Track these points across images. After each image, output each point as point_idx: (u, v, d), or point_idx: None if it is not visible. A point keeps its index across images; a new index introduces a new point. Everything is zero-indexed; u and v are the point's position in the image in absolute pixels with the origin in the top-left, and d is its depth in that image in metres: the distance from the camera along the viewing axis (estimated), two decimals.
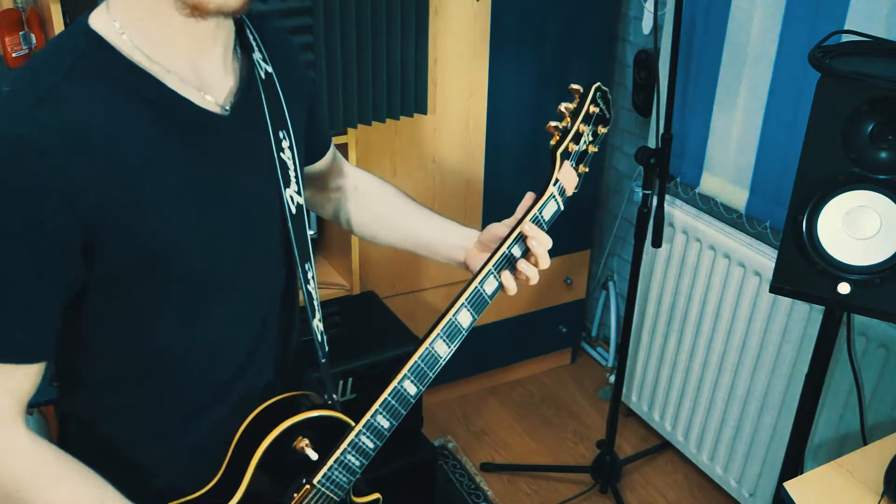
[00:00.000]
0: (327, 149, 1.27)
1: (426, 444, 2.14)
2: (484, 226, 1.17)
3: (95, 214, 0.85)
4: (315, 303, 1.12)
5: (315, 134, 1.21)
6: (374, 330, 2.14)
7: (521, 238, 1.09)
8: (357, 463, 1.08)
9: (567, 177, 1.13)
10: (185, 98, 0.92)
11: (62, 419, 1.06)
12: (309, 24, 1.94)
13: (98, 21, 0.90)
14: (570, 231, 2.77)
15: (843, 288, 1.44)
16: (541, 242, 1.09)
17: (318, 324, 1.13)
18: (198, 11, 0.86)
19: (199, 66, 0.93)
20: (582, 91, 1.14)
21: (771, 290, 1.52)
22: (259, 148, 1.02)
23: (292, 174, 1.05)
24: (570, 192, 1.16)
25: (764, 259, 2.12)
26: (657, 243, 2.25)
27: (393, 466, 2.00)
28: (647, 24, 2.48)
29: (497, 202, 2.53)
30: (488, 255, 1.09)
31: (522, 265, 1.09)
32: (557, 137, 1.13)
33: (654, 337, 2.54)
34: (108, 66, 0.87)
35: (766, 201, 2.15)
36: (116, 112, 0.86)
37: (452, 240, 1.22)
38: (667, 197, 2.34)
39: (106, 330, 0.96)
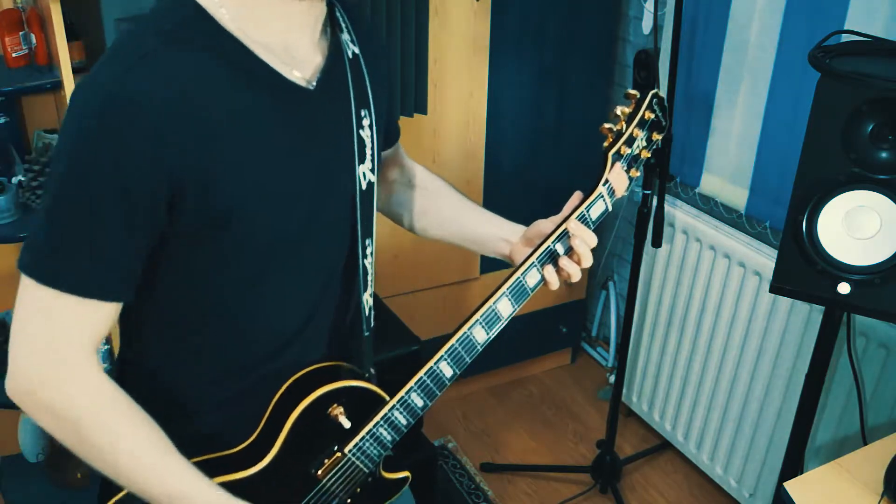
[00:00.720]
0: (397, 138, 1.33)
1: (426, 444, 2.14)
2: None
3: (181, 170, 0.88)
4: (369, 278, 1.15)
5: (390, 122, 1.26)
6: (373, 330, 2.14)
7: (566, 235, 1.12)
8: (389, 437, 1.10)
9: (618, 179, 1.17)
10: (275, 69, 0.96)
11: (121, 364, 1.10)
12: None
13: None
14: None
15: (844, 288, 1.44)
16: (584, 241, 1.11)
17: (368, 298, 1.16)
18: None
19: (290, 44, 0.98)
20: (639, 96, 1.17)
21: (771, 290, 1.52)
22: (340, 123, 1.05)
23: (368, 152, 1.09)
24: (619, 193, 1.18)
25: (764, 259, 2.12)
26: (657, 243, 2.25)
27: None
28: (647, 24, 2.48)
29: (497, 202, 2.52)
30: (532, 249, 1.12)
31: (564, 262, 1.12)
32: (611, 139, 1.16)
33: (654, 337, 2.54)
34: (206, 32, 0.92)
35: (766, 201, 2.15)
36: (209, 75, 0.90)
37: (499, 233, 1.25)
38: (667, 197, 2.34)
39: (174, 281, 0.98)
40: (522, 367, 2.98)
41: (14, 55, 1.89)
